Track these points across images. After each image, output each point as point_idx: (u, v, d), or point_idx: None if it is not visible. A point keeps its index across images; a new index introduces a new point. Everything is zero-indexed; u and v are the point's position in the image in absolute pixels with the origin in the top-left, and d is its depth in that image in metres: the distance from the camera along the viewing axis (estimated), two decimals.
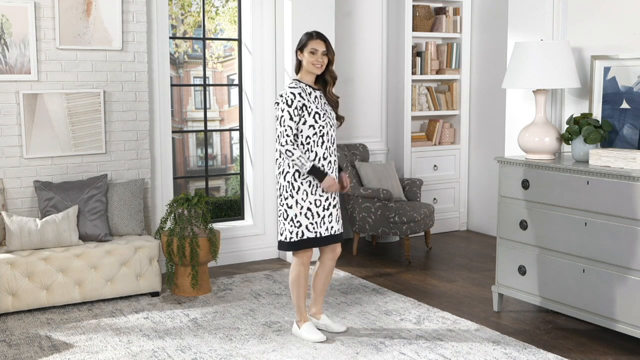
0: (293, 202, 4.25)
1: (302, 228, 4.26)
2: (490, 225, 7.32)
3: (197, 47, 7.33)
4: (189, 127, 7.54)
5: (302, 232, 4.27)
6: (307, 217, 4.26)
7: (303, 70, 4.33)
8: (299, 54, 4.30)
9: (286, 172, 4.26)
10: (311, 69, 4.27)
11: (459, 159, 7.55)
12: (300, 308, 4.46)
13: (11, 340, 4.42)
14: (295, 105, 4.18)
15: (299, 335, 4.46)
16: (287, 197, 4.26)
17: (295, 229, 4.26)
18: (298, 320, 4.49)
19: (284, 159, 4.27)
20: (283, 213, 4.29)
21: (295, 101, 4.18)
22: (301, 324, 4.47)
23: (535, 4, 5.13)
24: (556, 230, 4.51)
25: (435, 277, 5.90)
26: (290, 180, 4.25)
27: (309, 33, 4.31)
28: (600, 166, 4.31)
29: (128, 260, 5.15)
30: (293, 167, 4.24)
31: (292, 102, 4.18)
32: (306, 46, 4.26)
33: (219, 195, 7.38)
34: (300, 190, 4.25)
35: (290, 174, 4.25)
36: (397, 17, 7.12)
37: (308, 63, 4.26)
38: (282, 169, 4.28)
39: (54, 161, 5.40)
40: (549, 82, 4.61)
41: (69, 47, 5.36)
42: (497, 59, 7.05)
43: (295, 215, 4.25)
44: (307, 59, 4.26)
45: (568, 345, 4.37)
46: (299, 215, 4.25)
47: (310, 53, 4.24)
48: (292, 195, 4.25)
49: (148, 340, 4.43)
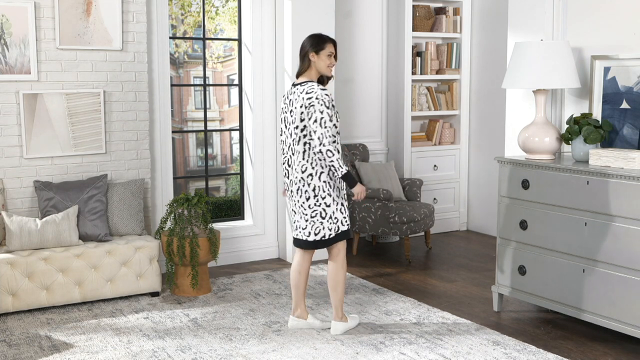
0: (331, 200, 4.38)
1: (338, 223, 4.43)
2: (490, 225, 7.32)
3: (197, 47, 7.33)
4: (189, 127, 7.54)
5: (338, 227, 4.44)
6: (341, 212, 4.42)
7: (313, 71, 4.41)
8: (312, 56, 4.37)
9: (321, 172, 4.35)
10: (325, 71, 4.43)
11: (459, 159, 7.55)
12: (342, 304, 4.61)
13: (11, 340, 4.42)
14: (331, 107, 4.30)
15: (346, 329, 4.55)
16: (325, 197, 4.36)
17: (334, 225, 4.41)
18: (341, 317, 4.55)
19: (319, 160, 4.34)
20: (320, 212, 4.38)
21: (332, 103, 4.32)
22: (345, 318, 4.57)
23: (535, 4, 5.13)
24: (556, 230, 4.51)
25: (435, 277, 5.90)
26: (327, 180, 4.36)
27: (324, 36, 4.43)
28: (600, 166, 4.31)
29: (128, 260, 5.15)
30: (326, 167, 4.34)
31: (330, 103, 4.30)
32: (323, 49, 4.38)
33: (219, 195, 7.38)
34: (335, 188, 4.39)
35: (325, 174, 4.36)
36: (397, 17, 7.12)
37: (323, 65, 4.39)
38: (316, 170, 4.35)
39: (54, 161, 5.40)
40: (549, 82, 4.61)
41: (69, 47, 5.36)
42: (497, 59, 7.05)
43: (333, 212, 4.40)
44: (323, 62, 4.38)
45: (568, 345, 4.37)
46: (336, 211, 4.41)
47: (327, 56, 4.39)
48: (329, 194, 4.37)
49: (148, 340, 4.43)
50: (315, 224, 4.39)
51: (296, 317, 4.62)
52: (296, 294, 4.61)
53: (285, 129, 4.43)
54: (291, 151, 4.39)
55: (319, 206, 4.36)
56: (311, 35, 4.45)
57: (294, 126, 4.33)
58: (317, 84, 4.34)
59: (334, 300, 4.54)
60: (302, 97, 4.30)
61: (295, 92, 4.36)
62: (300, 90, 4.34)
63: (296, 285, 4.59)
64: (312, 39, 4.40)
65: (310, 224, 4.39)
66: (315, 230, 4.40)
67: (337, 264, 4.49)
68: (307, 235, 4.41)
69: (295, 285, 4.59)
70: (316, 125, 4.25)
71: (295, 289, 4.60)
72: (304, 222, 4.41)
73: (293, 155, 4.38)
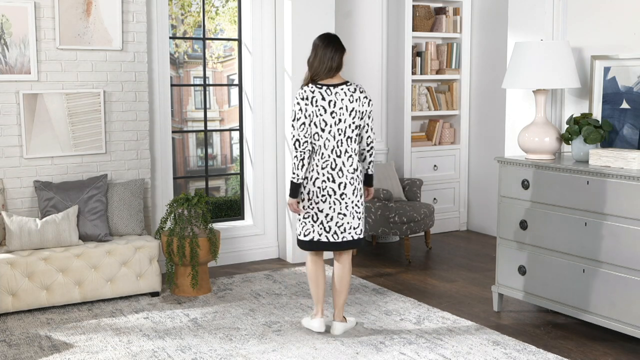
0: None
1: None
2: (490, 225, 7.32)
3: (197, 47, 7.33)
4: (189, 127, 7.54)
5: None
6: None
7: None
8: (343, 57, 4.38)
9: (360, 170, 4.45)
10: None
11: (459, 159, 7.55)
12: None
13: (11, 340, 4.42)
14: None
15: (345, 329, 4.55)
16: (362, 195, 4.43)
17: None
18: (342, 318, 4.56)
19: (369, 153, 4.45)
20: (362, 211, 4.43)
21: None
22: (345, 319, 4.59)
23: (535, 4, 5.13)
24: (556, 230, 4.51)
25: (435, 277, 5.90)
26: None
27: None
28: (600, 166, 4.31)
29: (128, 260, 5.15)
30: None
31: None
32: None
33: (219, 195, 7.38)
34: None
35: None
36: (397, 17, 7.12)
37: None
38: (359, 169, 4.41)
39: (54, 161, 5.40)
40: (549, 82, 4.61)
41: (69, 47, 5.36)
42: (497, 59, 7.05)
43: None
44: None
45: (568, 345, 4.37)
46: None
47: None
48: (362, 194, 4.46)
49: (148, 340, 4.43)
50: (360, 223, 4.43)
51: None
52: (322, 295, 4.54)
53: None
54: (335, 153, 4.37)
55: (362, 205, 4.42)
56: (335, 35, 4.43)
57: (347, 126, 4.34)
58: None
59: (343, 301, 4.53)
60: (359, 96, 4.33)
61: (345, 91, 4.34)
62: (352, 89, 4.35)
63: (321, 287, 4.53)
64: (339, 40, 4.40)
65: (361, 222, 4.44)
66: (362, 228, 4.46)
67: (350, 264, 4.52)
68: (361, 234, 4.46)
69: (324, 284, 4.53)
70: (368, 121, 4.38)
71: (320, 290, 4.53)
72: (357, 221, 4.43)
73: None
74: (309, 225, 4.37)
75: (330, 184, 4.30)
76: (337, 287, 4.50)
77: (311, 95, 4.28)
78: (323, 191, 4.30)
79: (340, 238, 4.37)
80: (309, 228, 4.37)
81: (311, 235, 4.38)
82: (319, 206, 4.32)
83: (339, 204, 4.32)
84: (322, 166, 4.30)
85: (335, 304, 4.53)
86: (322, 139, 4.29)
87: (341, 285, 4.49)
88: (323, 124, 4.27)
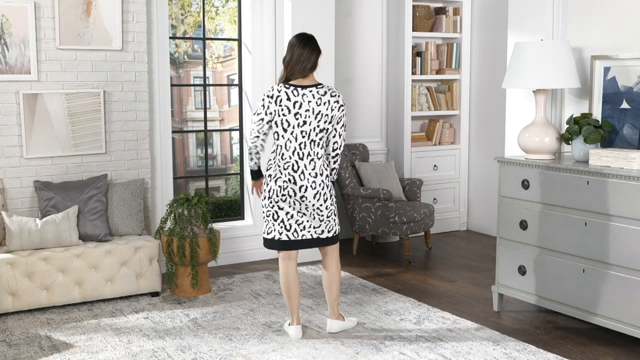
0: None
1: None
2: (490, 225, 7.32)
3: (197, 47, 7.33)
4: (189, 127, 7.54)
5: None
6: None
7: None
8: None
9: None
10: None
11: (459, 159, 7.55)
12: None
13: (11, 340, 4.42)
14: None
15: (342, 328, 4.56)
16: (332, 195, 4.39)
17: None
18: (338, 315, 4.57)
19: (333, 159, 4.42)
20: (334, 210, 4.39)
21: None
22: (341, 317, 4.60)
23: (535, 4, 5.13)
24: (556, 230, 4.51)
25: (435, 277, 5.90)
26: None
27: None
28: (600, 166, 4.31)
29: (128, 260, 5.15)
30: None
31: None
32: None
33: (219, 195, 7.38)
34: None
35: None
36: (397, 17, 7.12)
37: None
38: (325, 174, 4.35)
39: (54, 161, 5.40)
40: (549, 82, 4.61)
41: (69, 47, 5.36)
42: (497, 59, 7.05)
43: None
44: None
45: (568, 345, 4.37)
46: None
47: None
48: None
49: (148, 340, 4.43)
50: (331, 222, 4.40)
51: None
52: (296, 302, 4.49)
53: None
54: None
55: (332, 206, 4.38)
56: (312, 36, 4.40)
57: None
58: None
59: (335, 298, 4.52)
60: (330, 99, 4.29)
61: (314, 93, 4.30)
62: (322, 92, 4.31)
63: (294, 294, 4.47)
64: (316, 40, 4.39)
65: (331, 221, 4.41)
66: (332, 226, 4.42)
67: (338, 264, 4.50)
68: (335, 232, 4.45)
69: (296, 292, 4.46)
70: (339, 128, 4.38)
71: (293, 299, 4.47)
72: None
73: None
74: (270, 223, 4.32)
75: (291, 185, 4.23)
76: (326, 285, 4.52)
77: (277, 95, 4.25)
78: (284, 191, 4.24)
79: (299, 236, 4.31)
80: (271, 227, 4.33)
81: (273, 234, 4.33)
82: (279, 204, 4.27)
83: (299, 204, 4.27)
84: (284, 167, 4.24)
85: (327, 301, 4.54)
86: (283, 139, 4.25)
87: (330, 283, 4.48)
88: (285, 124, 4.23)
